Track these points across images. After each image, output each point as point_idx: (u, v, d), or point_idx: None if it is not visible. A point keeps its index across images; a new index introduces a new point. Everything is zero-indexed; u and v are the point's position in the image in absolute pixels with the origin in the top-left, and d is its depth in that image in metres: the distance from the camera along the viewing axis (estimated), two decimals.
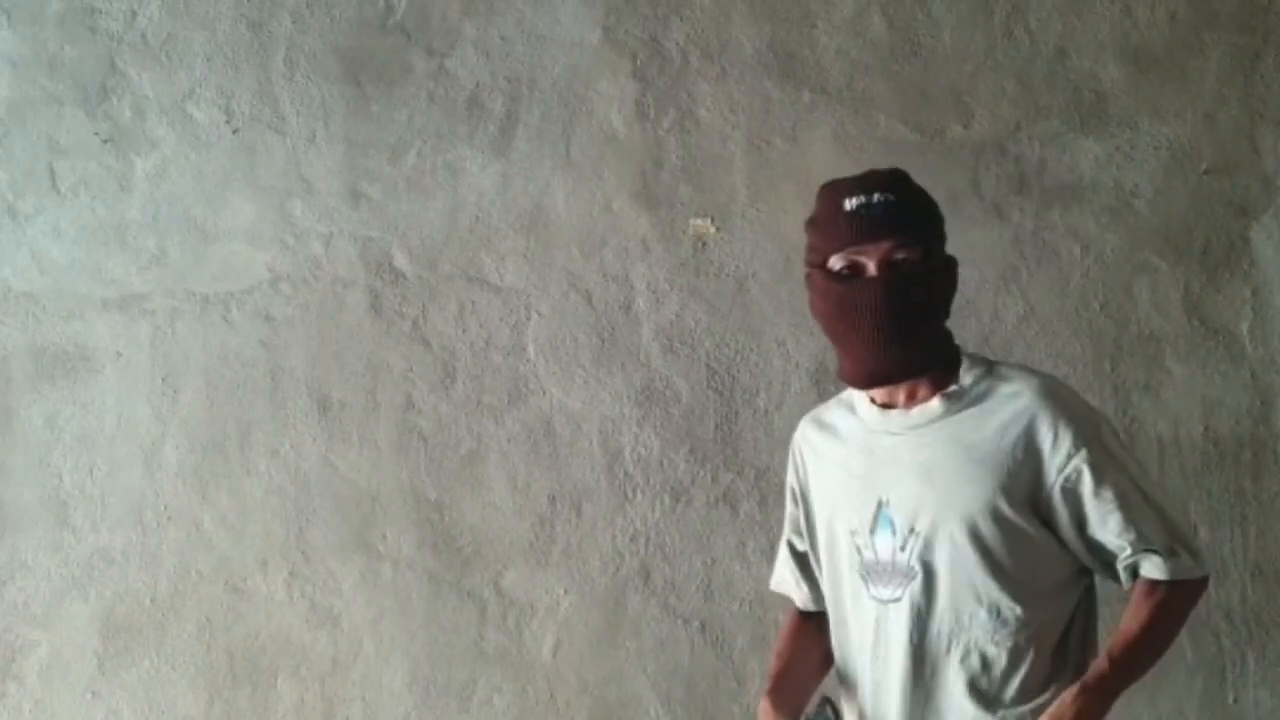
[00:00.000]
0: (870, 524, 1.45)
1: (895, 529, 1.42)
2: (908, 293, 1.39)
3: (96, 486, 2.36)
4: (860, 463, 1.48)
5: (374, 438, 2.34)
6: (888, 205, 1.40)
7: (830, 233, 1.43)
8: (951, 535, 1.39)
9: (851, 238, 1.40)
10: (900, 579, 1.42)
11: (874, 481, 1.45)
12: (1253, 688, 2.16)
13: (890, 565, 1.42)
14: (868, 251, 1.40)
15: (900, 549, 1.42)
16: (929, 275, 1.42)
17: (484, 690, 2.27)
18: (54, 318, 2.41)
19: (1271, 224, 2.23)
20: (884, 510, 1.43)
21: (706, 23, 2.36)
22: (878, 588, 1.44)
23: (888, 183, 1.44)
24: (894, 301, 1.38)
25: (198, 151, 2.43)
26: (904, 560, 1.41)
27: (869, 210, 1.40)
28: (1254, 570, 2.17)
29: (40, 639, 2.34)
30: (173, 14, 2.46)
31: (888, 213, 1.40)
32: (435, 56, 2.41)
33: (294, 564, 2.32)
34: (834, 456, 1.52)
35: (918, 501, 1.41)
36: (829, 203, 1.44)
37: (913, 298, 1.39)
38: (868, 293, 1.39)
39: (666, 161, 2.34)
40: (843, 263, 1.41)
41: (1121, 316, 2.23)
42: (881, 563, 1.43)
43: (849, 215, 1.40)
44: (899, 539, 1.42)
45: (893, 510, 1.43)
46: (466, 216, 2.37)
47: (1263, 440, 2.19)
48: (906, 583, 1.41)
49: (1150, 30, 2.29)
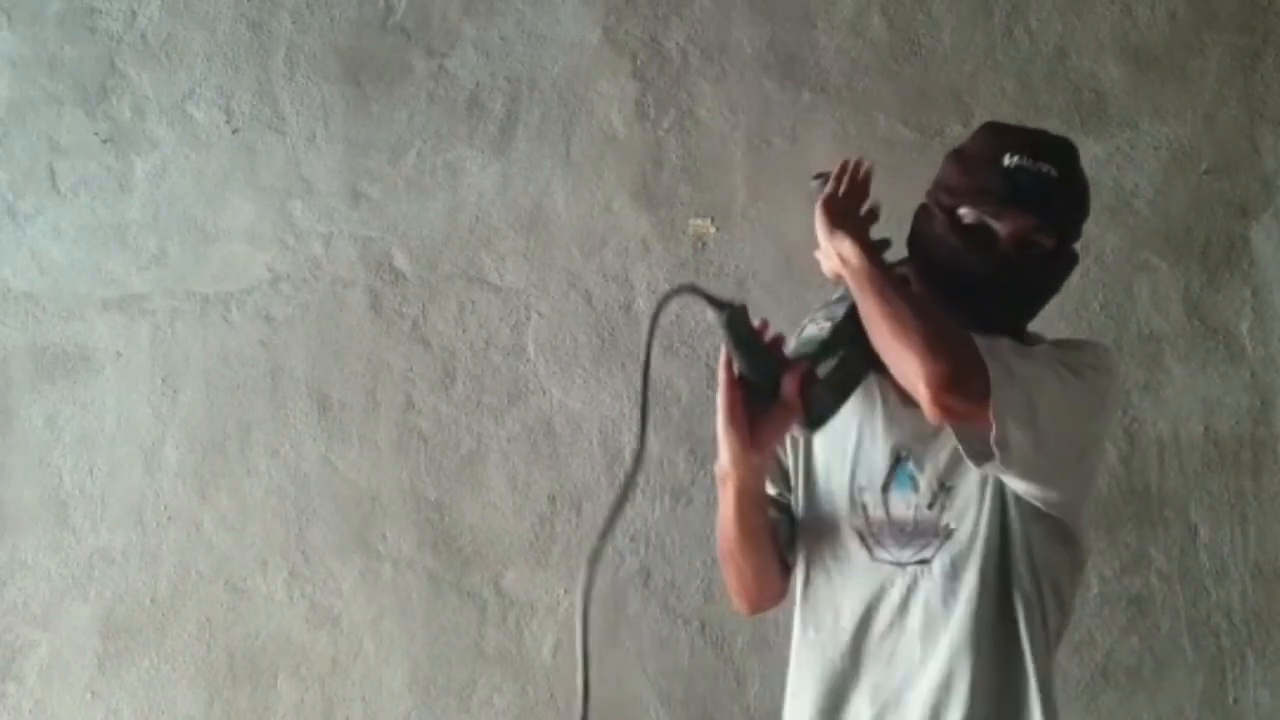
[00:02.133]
0: (884, 479, 1.34)
1: (918, 486, 1.32)
2: (1025, 279, 1.29)
3: (96, 486, 2.36)
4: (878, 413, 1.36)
5: (374, 438, 2.33)
6: (1048, 180, 1.27)
7: (975, 181, 1.30)
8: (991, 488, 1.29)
9: (998, 197, 1.28)
10: (929, 538, 1.30)
11: (893, 436, 1.34)
12: (1253, 688, 2.16)
13: (911, 524, 1.31)
14: (1006, 218, 1.28)
15: (927, 506, 1.31)
16: (1053, 266, 1.32)
17: (484, 690, 2.27)
18: (54, 318, 2.41)
19: (1271, 224, 2.23)
20: (904, 465, 1.33)
21: (706, 23, 2.36)
22: (892, 549, 1.32)
23: (1058, 155, 1.30)
24: (1009, 282, 1.28)
25: (198, 151, 2.43)
26: (932, 518, 1.30)
27: (1028, 177, 1.26)
28: (1254, 570, 2.17)
29: (40, 639, 2.34)
30: (173, 14, 2.46)
31: (1046, 188, 1.27)
32: (435, 56, 2.41)
33: (294, 564, 2.32)
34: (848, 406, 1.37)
35: (949, 457, 1.30)
36: (988, 147, 1.32)
37: (1026, 286, 1.30)
38: (987, 263, 1.27)
39: (666, 161, 2.34)
40: (974, 217, 1.29)
41: (1121, 316, 2.23)
42: (897, 521, 1.32)
43: (1005, 172, 1.27)
44: (924, 496, 1.31)
45: (914, 466, 1.32)
46: (466, 216, 2.37)
47: (1263, 440, 2.19)
48: (941, 541, 1.30)
49: (1150, 30, 2.29)
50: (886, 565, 1.33)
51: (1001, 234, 1.28)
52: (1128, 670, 2.17)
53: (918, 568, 1.31)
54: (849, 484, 1.36)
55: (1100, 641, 2.17)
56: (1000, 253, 1.28)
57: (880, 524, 1.33)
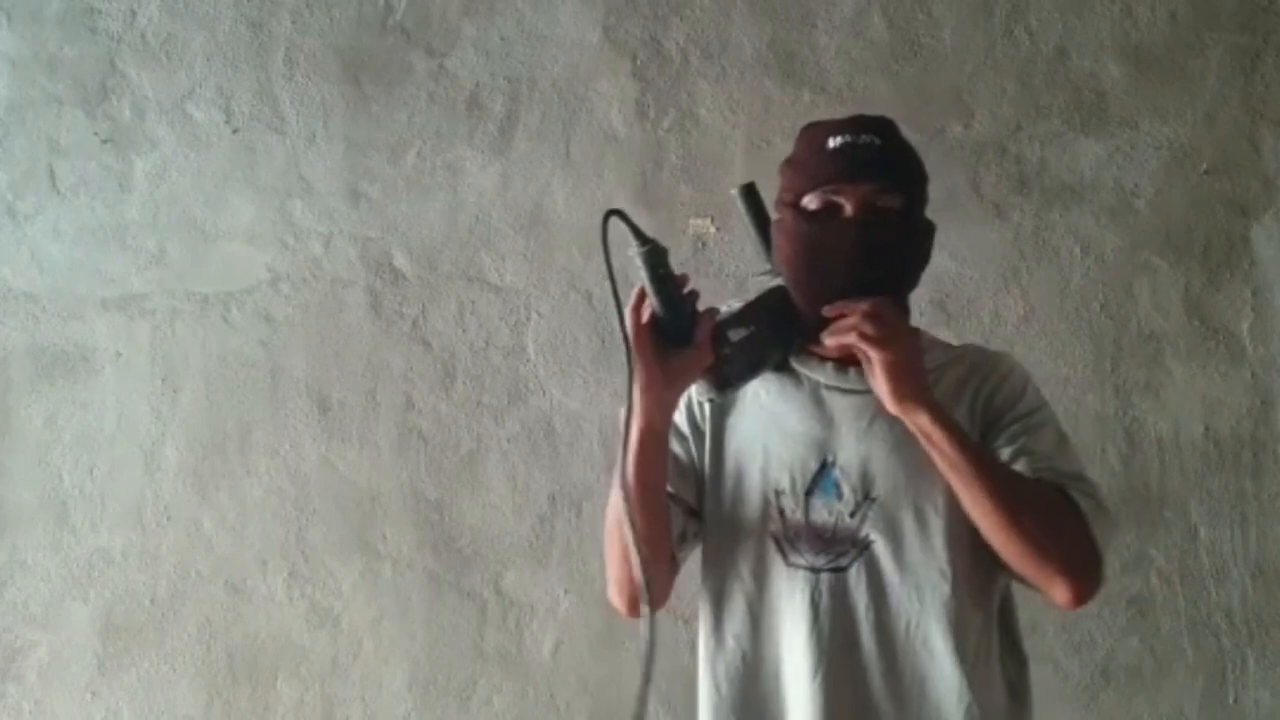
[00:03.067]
0: (808, 484, 1.33)
1: (842, 493, 1.32)
2: (884, 240, 1.30)
3: (96, 486, 2.36)
4: (800, 417, 1.36)
5: (374, 438, 2.33)
6: (874, 148, 1.32)
7: (809, 170, 1.33)
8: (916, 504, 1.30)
9: (832, 175, 1.31)
10: (847, 547, 1.31)
11: (819, 439, 1.34)
12: (1253, 688, 2.16)
13: (830, 531, 1.31)
14: (846, 192, 1.30)
15: (849, 515, 1.31)
16: (909, 229, 1.33)
17: (484, 690, 2.27)
18: (54, 318, 2.41)
19: (1271, 224, 2.23)
20: (829, 471, 1.33)
21: (706, 23, 2.36)
22: (807, 555, 1.31)
23: (876, 126, 1.34)
24: (869, 245, 1.29)
25: (197, 151, 2.43)
26: (852, 527, 1.31)
27: (855, 149, 1.31)
28: (1254, 570, 2.17)
29: (40, 639, 2.34)
30: (173, 14, 2.46)
31: (873, 154, 1.31)
32: (435, 56, 2.41)
33: (294, 564, 2.32)
34: (768, 406, 1.38)
35: (879, 466, 1.32)
36: (811, 141, 1.36)
37: (888, 247, 1.30)
38: (843, 234, 1.30)
39: (666, 161, 2.34)
40: (818, 202, 1.32)
41: (1121, 316, 2.23)
42: (816, 527, 1.32)
43: (831, 153, 1.32)
44: (847, 504, 1.31)
45: (840, 473, 1.32)
46: (466, 216, 2.37)
47: (1263, 440, 2.19)
48: (858, 552, 1.30)
49: (1150, 30, 2.29)
50: (801, 570, 1.32)
51: (849, 205, 1.31)
52: (1128, 670, 2.17)
53: (832, 575, 1.31)
54: (763, 487, 1.35)
55: (1100, 641, 2.17)
56: (855, 222, 1.30)
57: (798, 528, 1.33)
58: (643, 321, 1.26)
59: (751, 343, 1.33)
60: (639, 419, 1.27)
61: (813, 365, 1.38)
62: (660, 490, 1.33)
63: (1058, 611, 2.16)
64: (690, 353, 1.28)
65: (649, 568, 1.25)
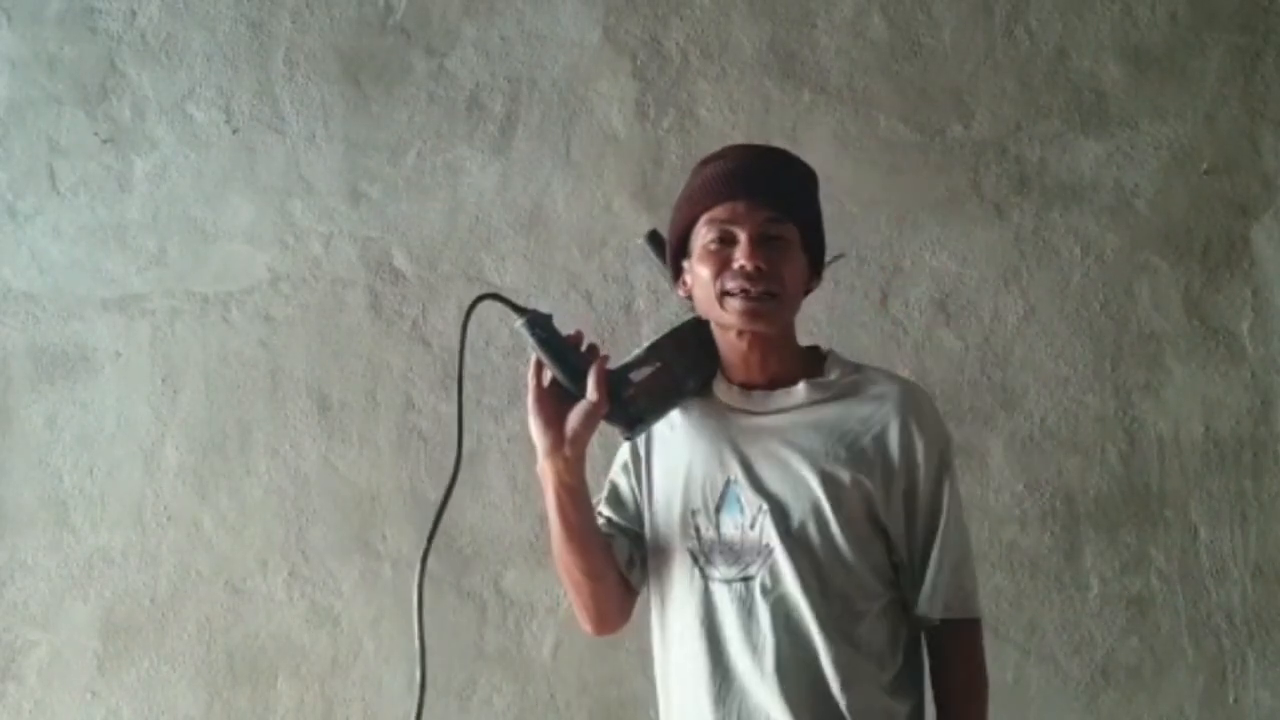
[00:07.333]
0: (716, 502, 1.41)
1: (744, 507, 1.39)
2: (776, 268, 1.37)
3: (96, 486, 2.36)
4: (710, 440, 1.44)
5: (374, 438, 2.33)
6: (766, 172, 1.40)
7: (701, 202, 1.40)
8: (803, 517, 1.37)
9: (725, 196, 1.38)
10: (753, 557, 1.39)
11: (724, 459, 1.42)
12: (1253, 688, 2.16)
13: (739, 544, 1.39)
14: (740, 218, 1.37)
15: (750, 527, 1.39)
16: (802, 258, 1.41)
17: (484, 690, 2.27)
18: (54, 318, 2.41)
19: (1271, 224, 2.23)
20: (732, 488, 1.41)
21: (706, 23, 2.36)
22: (722, 568, 1.40)
23: (766, 151, 1.44)
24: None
25: (197, 151, 2.43)
26: (754, 538, 1.39)
27: (744, 172, 1.39)
28: (1254, 570, 2.17)
29: (40, 639, 2.34)
30: (173, 14, 2.46)
31: (765, 178, 1.39)
32: (435, 56, 2.41)
33: (294, 564, 2.32)
34: (689, 430, 1.47)
35: (772, 480, 1.39)
36: (700, 173, 1.44)
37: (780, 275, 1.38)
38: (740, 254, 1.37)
39: (666, 161, 2.34)
40: (715, 234, 1.38)
41: (1121, 316, 2.23)
42: (726, 541, 1.40)
43: (722, 178, 1.39)
44: (747, 517, 1.39)
45: (741, 488, 1.40)
46: (466, 216, 2.37)
47: (1263, 440, 2.19)
48: (763, 561, 1.38)
49: (1150, 30, 2.29)
50: (717, 583, 1.40)
51: (743, 237, 1.37)
52: (1128, 670, 2.17)
53: (743, 584, 1.39)
54: (683, 507, 1.44)
55: (1100, 641, 2.17)
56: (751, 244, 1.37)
57: (711, 544, 1.41)
58: (543, 387, 1.39)
59: (658, 378, 1.42)
60: (550, 480, 1.39)
61: (723, 389, 1.46)
62: (589, 529, 1.44)
63: (1058, 611, 2.18)
64: (585, 405, 1.37)
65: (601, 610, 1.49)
